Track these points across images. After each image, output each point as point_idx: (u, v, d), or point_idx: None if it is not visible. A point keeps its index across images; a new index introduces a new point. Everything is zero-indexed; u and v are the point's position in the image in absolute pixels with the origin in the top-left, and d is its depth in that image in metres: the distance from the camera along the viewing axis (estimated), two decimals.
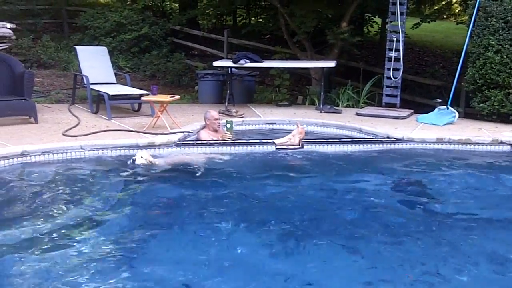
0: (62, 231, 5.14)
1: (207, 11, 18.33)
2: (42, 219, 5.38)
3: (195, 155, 7.70)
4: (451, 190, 6.85)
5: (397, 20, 10.69)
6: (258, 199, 6.29)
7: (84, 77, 10.16)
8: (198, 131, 8.52)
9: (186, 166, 7.38)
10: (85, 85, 10.13)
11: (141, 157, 7.00)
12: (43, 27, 17.09)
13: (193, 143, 8.04)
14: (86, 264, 4.48)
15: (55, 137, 7.93)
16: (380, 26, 16.68)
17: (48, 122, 8.95)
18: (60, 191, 6.17)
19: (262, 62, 11.04)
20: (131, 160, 7.00)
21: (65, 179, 6.65)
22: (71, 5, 18.63)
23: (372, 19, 16.82)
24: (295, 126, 8.43)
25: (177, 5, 19.80)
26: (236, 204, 6.06)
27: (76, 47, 11.06)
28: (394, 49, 10.71)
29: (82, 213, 5.61)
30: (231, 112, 10.07)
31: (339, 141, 8.39)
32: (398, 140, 8.40)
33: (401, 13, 10.67)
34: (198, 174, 7.14)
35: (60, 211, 5.60)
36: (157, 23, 16.20)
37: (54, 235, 5.05)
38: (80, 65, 10.49)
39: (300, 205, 6.15)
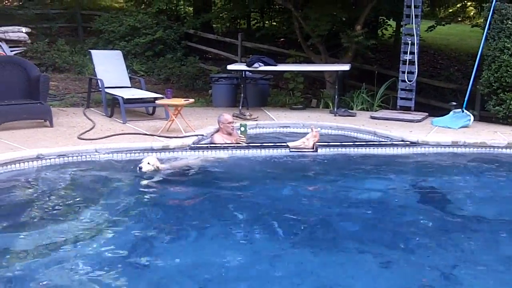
0: (77, 233, 5.15)
1: (221, 15, 18.38)
2: (57, 222, 5.40)
3: (205, 159, 7.70)
4: (466, 193, 6.79)
5: (412, 23, 10.66)
6: (271, 202, 6.27)
7: (99, 81, 10.22)
8: (212, 135, 8.53)
9: (198, 169, 7.36)
10: (100, 89, 10.20)
11: (148, 163, 6.83)
12: (58, 31, 17.22)
13: (207, 146, 8.03)
14: (100, 266, 4.49)
15: (70, 140, 7.99)
16: (394, 29, 16.65)
17: (63, 125, 9.01)
18: (75, 194, 6.20)
19: (276, 65, 11.02)
20: (138, 169, 6.82)
21: (80, 182, 6.68)
22: (85, 9, 18.72)
23: (387, 22, 16.77)
24: (309, 129, 8.39)
25: (191, 9, 19.85)
26: (249, 208, 6.04)
27: (91, 51, 11.12)
28: (409, 52, 10.67)
29: (96, 216, 5.62)
30: (245, 115, 10.08)
31: (354, 144, 8.36)
32: (413, 144, 8.34)
33: (416, 16, 10.64)
34: (210, 178, 7.15)
35: (75, 214, 5.63)
36: (171, 27, 16.27)
37: (70, 237, 5.06)
38: (95, 69, 10.54)
39: (314, 208, 6.13)
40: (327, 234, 5.39)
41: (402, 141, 8.45)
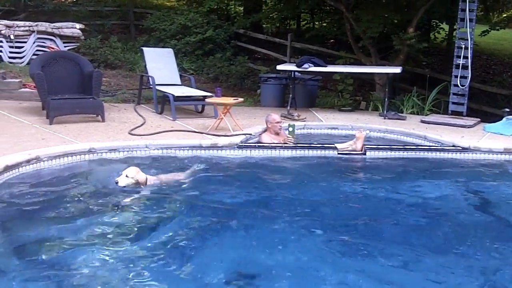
0: (124, 227, 5.22)
1: (271, 15, 18.40)
2: (106, 215, 5.47)
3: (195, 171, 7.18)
4: None
5: (466, 27, 10.48)
6: (318, 204, 6.23)
7: (150, 78, 10.34)
8: (259, 134, 8.53)
9: (239, 168, 7.35)
10: (151, 86, 10.32)
11: (126, 176, 6.04)
12: (110, 28, 17.53)
13: (255, 145, 8.05)
14: (141, 261, 4.53)
15: (121, 135, 8.12)
16: (447, 32, 16.40)
17: (115, 121, 9.16)
18: (123, 189, 6.23)
19: (326, 66, 10.98)
20: (115, 182, 6.05)
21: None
22: (138, 7, 18.99)
23: (439, 25, 16.53)
24: (357, 131, 8.34)
25: (241, 8, 19.95)
26: (295, 209, 6.00)
27: (143, 48, 11.27)
28: (462, 56, 10.50)
29: (142, 210, 5.68)
30: (293, 116, 10.07)
31: (403, 148, 8.25)
32: (464, 149, 8.19)
33: (470, 20, 10.45)
34: (254, 177, 7.11)
35: (123, 207, 5.70)
36: (222, 26, 16.38)
37: (117, 231, 5.13)
38: (147, 66, 10.68)
39: (361, 211, 6.07)
40: (374, 237, 5.32)
41: (453, 146, 8.31)
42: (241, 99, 9.38)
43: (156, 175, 6.53)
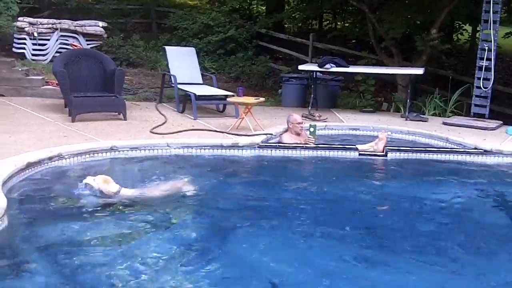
0: (144, 226, 5.24)
1: (293, 15, 18.37)
2: (124, 214, 5.50)
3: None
4: None
5: (490, 29, 10.39)
6: (339, 205, 6.24)
7: (172, 77, 10.39)
8: (280, 134, 8.52)
9: (264, 168, 7.37)
10: (173, 85, 10.36)
11: (93, 179, 5.82)
12: (133, 26, 17.63)
13: (276, 145, 8.04)
14: (164, 260, 4.55)
15: (142, 134, 8.17)
16: (470, 34, 16.27)
17: (136, 119, 9.20)
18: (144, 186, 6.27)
19: (348, 67, 10.95)
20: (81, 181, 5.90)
21: (151, 175, 6.75)
22: (160, 6, 19.07)
23: (463, 26, 16.40)
24: (380, 133, 8.30)
25: (264, 8, 19.95)
26: (313, 210, 6.01)
27: (166, 47, 11.31)
28: (485, 58, 10.41)
29: (164, 208, 5.71)
30: (314, 116, 10.05)
31: (425, 149, 8.20)
32: (486, 152, 8.13)
33: (494, 22, 10.36)
34: (278, 178, 7.13)
35: (143, 206, 5.73)
36: (244, 26, 16.37)
37: (136, 230, 5.16)
38: (169, 65, 10.73)
39: (382, 213, 6.06)
40: (393, 238, 5.31)
41: (475, 148, 8.24)
42: (262, 99, 9.39)
43: (140, 188, 6.19)
